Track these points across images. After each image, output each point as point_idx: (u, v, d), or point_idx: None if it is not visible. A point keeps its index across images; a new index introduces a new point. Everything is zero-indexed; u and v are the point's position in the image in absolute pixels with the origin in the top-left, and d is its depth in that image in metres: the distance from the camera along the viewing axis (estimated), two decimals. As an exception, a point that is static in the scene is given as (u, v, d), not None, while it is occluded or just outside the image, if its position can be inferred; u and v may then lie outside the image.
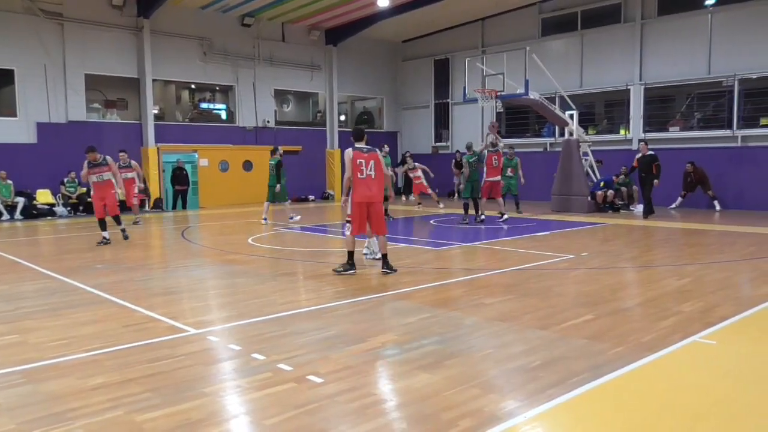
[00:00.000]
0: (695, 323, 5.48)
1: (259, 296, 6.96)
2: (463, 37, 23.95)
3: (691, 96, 18.84)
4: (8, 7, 17.41)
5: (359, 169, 7.82)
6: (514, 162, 16.71)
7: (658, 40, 18.90)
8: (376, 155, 7.97)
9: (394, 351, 4.81)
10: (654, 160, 14.69)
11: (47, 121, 18.17)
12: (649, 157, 14.81)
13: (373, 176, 7.87)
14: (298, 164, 23.56)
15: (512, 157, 16.64)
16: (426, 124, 25.79)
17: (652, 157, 14.77)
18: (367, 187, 7.87)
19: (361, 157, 7.85)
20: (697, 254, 9.76)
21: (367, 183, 7.86)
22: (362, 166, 7.83)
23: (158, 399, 3.87)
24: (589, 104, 21.13)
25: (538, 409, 3.62)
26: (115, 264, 9.32)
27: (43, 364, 4.60)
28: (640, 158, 15.02)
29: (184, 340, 5.23)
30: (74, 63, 18.57)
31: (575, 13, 20.77)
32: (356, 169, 7.81)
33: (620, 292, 7.04)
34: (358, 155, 7.84)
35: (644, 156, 14.96)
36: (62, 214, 17.59)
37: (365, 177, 7.84)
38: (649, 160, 14.74)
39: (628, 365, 4.36)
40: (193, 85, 22.61)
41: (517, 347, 4.85)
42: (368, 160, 7.86)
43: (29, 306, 6.58)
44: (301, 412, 3.65)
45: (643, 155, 15.01)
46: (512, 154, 16.72)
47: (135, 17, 19.48)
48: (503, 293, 6.93)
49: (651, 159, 14.75)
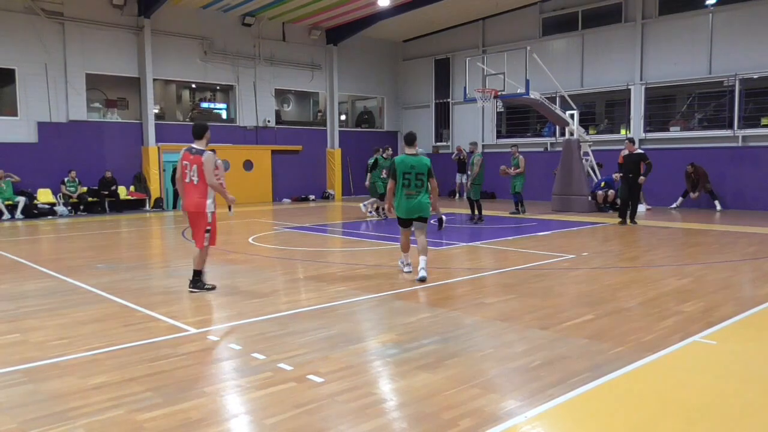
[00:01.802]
0: (696, 323, 5.48)
1: (259, 296, 6.96)
2: (463, 37, 23.95)
3: (691, 96, 18.84)
4: (9, 7, 17.42)
5: (183, 172, 6.97)
6: (516, 161, 16.55)
7: (659, 39, 18.90)
8: (200, 159, 6.86)
9: (394, 350, 4.81)
10: (642, 159, 13.47)
11: (48, 120, 18.17)
12: (636, 155, 13.54)
13: (195, 182, 6.92)
14: (299, 164, 23.59)
15: (516, 155, 16.49)
16: (427, 123, 25.78)
17: (641, 156, 13.54)
18: (187, 194, 7.03)
19: (186, 158, 6.94)
20: (697, 254, 9.75)
21: (188, 189, 7.00)
22: (186, 169, 6.95)
23: (159, 398, 3.87)
24: (590, 104, 21.13)
25: (539, 408, 3.62)
26: (115, 263, 9.32)
27: (44, 363, 4.60)
28: (627, 156, 13.65)
29: (184, 339, 5.23)
30: (75, 62, 18.57)
31: (576, 12, 20.77)
32: (183, 172, 6.99)
33: (621, 292, 7.03)
34: (185, 157, 6.95)
35: (631, 155, 13.62)
36: (63, 214, 17.59)
37: (188, 182, 6.97)
38: (637, 159, 13.47)
39: (629, 365, 4.36)
40: (193, 85, 22.63)
41: (517, 347, 4.86)
42: (192, 163, 6.90)
43: (30, 305, 6.58)
44: (301, 411, 3.65)
45: (629, 153, 13.62)
46: (516, 152, 16.61)
47: (136, 17, 19.49)
48: (504, 293, 6.93)
49: (639, 157, 13.48)
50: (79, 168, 18.21)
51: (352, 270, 8.53)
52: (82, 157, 18.52)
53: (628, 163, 13.55)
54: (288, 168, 23.23)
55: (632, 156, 13.51)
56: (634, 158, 13.47)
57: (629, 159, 13.53)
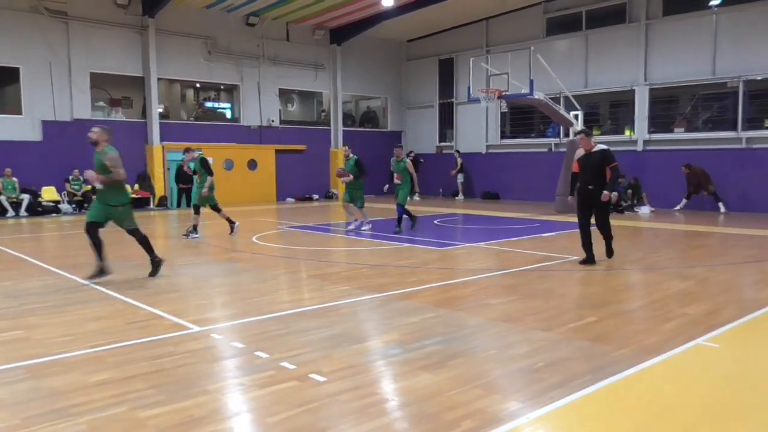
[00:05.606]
0: (699, 326, 5.46)
1: (262, 294, 6.97)
2: (467, 37, 23.93)
3: (695, 97, 18.80)
4: (13, 6, 17.46)
5: None
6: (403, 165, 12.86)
7: (663, 40, 18.85)
8: None
9: (397, 350, 4.81)
10: (607, 160, 8.50)
11: (52, 119, 18.23)
12: (598, 155, 8.55)
13: None
14: (303, 163, 23.60)
15: (400, 159, 12.91)
16: (430, 123, 25.78)
17: (604, 155, 8.55)
18: None
19: None
20: (701, 256, 9.73)
21: None
22: None
23: (161, 396, 3.88)
24: (594, 104, 21.09)
25: (541, 410, 3.62)
26: (119, 261, 9.33)
27: (47, 360, 4.62)
28: (584, 158, 8.67)
29: (187, 337, 5.25)
30: (79, 61, 18.62)
31: (580, 12, 20.73)
32: None
33: (624, 294, 7.02)
34: None
35: (589, 155, 8.62)
36: (67, 211, 17.67)
37: None
38: (599, 161, 8.51)
39: (632, 367, 4.35)
40: (197, 84, 22.67)
41: (520, 348, 4.85)
42: None
43: (34, 302, 6.59)
44: (303, 410, 3.65)
45: (587, 153, 8.66)
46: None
47: (140, 16, 19.52)
48: (507, 294, 6.92)
49: (602, 159, 8.52)
50: (83, 166, 18.19)
51: (355, 269, 8.53)
52: (87, 155, 18.44)
53: (586, 168, 8.61)
54: (292, 167, 23.24)
55: (592, 157, 8.59)
56: (594, 160, 8.54)
57: (588, 162, 8.60)
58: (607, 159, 8.49)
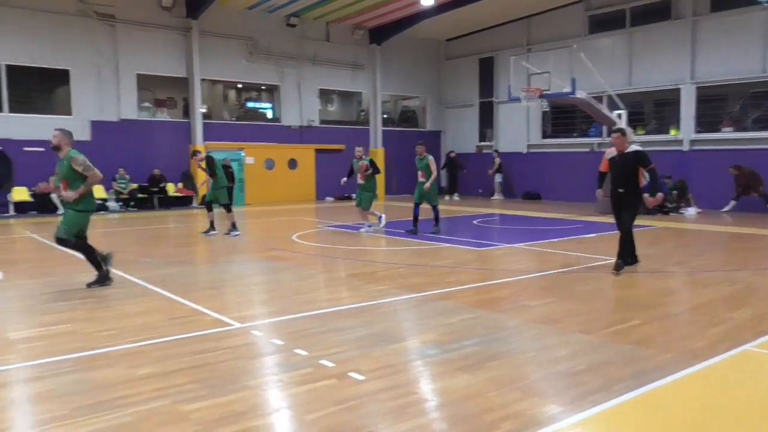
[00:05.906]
0: (746, 331, 5.29)
1: (301, 292, 7.04)
2: (508, 36, 23.69)
3: (745, 96, 18.20)
4: (63, 9, 18.04)
5: None
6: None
7: (711, 37, 18.31)
8: None
9: (435, 351, 4.80)
10: (642, 162, 7.97)
11: (100, 119, 18.77)
12: (632, 156, 8.03)
13: None
14: (342, 163, 23.68)
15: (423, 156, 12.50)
16: (470, 123, 25.61)
17: (638, 156, 8.02)
18: None
19: None
20: (749, 260, 9.42)
21: None
22: None
23: (203, 390, 3.96)
24: (638, 103, 20.62)
25: (581, 414, 3.56)
26: (162, 258, 9.56)
27: (93, 353, 4.76)
28: (615, 159, 8.19)
29: (228, 333, 5.34)
30: (126, 63, 19.11)
31: (624, 10, 20.29)
32: None
33: (668, 297, 6.86)
34: None
35: (622, 155, 8.10)
36: (114, 209, 18.26)
37: None
38: (633, 162, 8.00)
39: (675, 373, 4.24)
40: (239, 85, 23.01)
41: (560, 351, 4.78)
42: None
43: (81, 297, 6.80)
44: (341, 408, 3.68)
45: (619, 153, 8.13)
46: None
47: (184, 18, 19.92)
48: (547, 295, 6.83)
49: (636, 159, 8.00)
50: (129, 165, 18.75)
51: (393, 269, 8.54)
52: (133, 154, 19.03)
53: (616, 169, 8.17)
54: (331, 167, 23.38)
55: (625, 158, 8.07)
56: (627, 161, 8.03)
57: (620, 163, 8.10)
58: (642, 161, 7.95)
